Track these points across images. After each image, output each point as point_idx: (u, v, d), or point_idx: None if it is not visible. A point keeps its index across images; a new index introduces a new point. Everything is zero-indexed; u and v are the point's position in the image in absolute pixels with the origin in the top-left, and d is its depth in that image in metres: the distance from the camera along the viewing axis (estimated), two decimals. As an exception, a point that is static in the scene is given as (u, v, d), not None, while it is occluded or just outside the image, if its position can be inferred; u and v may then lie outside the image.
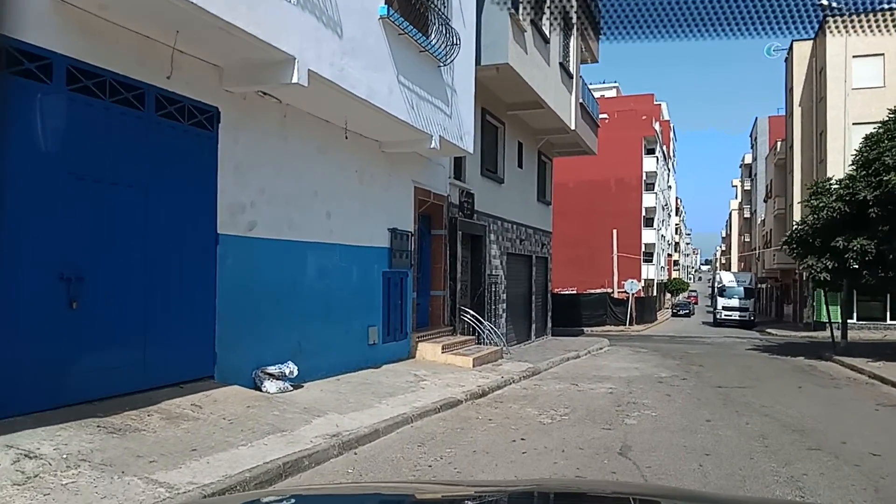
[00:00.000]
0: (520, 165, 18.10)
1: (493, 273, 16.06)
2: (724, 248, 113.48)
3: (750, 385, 11.52)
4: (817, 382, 12.35)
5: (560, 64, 17.03)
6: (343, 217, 9.59)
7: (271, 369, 7.74)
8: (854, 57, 27.34)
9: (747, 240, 67.83)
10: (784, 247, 18.95)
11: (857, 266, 16.14)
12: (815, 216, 16.95)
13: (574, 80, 18.50)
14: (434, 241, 13.13)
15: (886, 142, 15.35)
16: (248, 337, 7.63)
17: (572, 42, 18.27)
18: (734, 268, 73.12)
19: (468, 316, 13.77)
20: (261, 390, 7.56)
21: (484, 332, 14.00)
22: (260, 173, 7.78)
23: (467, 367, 11.20)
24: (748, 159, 68.78)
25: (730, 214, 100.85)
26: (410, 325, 11.59)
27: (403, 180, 11.41)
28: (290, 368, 7.87)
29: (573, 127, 18.49)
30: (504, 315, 16.91)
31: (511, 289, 17.56)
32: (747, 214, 68.42)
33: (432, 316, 13.09)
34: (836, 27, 4.15)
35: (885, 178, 14.74)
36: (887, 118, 16.11)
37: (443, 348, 11.50)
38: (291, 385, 7.92)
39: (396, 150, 10.62)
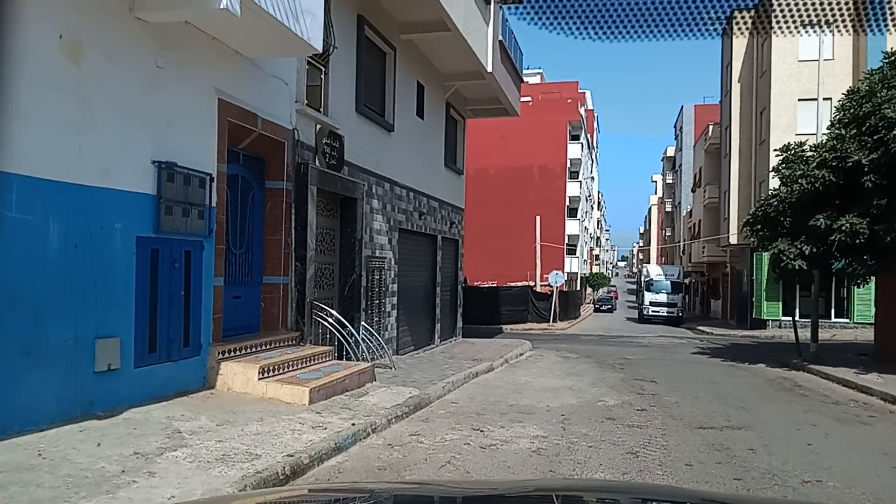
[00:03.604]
0: (420, 115, 13.64)
1: (378, 254, 11.54)
2: (641, 244, 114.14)
3: (743, 423, 7.56)
4: (826, 412, 8.59)
5: (473, -25, 12.69)
6: (19, 120, 4.77)
7: None
8: (802, 25, 24.59)
9: (669, 234, 66.61)
10: (744, 229, 15.47)
11: (837, 251, 12.79)
12: (788, 189, 13.46)
13: (492, 8, 14.21)
14: (269, 197, 8.44)
15: (885, 92, 11.93)
16: None
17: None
18: (653, 263, 72.04)
19: (329, 317, 9.17)
20: None
21: (352, 340, 9.45)
22: None
23: (300, 403, 6.61)
24: (671, 152, 67.55)
25: (649, 210, 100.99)
26: (209, 334, 6.87)
27: (195, 84, 6.65)
28: None
29: (490, 68, 14.20)
30: (394, 313, 12.43)
31: (406, 277, 13.12)
32: (669, 208, 67.18)
33: (266, 316, 8.40)
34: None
35: (887, 136, 11.29)
36: (882, 63, 12.75)
37: (262, 372, 6.84)
38: None
39: (161, 15, 5.87)
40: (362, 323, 10.47)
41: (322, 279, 9.79)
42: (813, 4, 4.03)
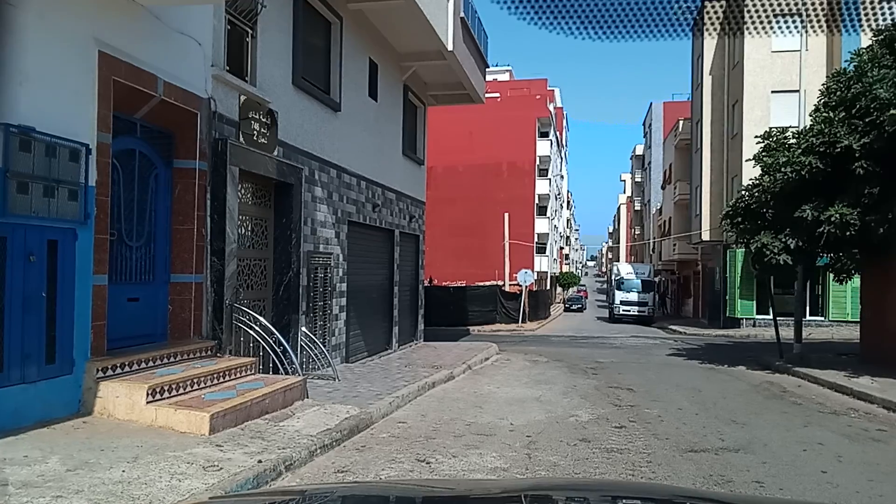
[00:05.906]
0: (373, 95, 12.31)
1: (322, 249, 10.19)
2: (610, 244, 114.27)
3: (739, 442, 6.43)
4: (829, 425, 7.53)
5: (430, -60, 11.41)
6: None
7: None
8: (774, 16, 23.91)
9: (638, 232, 66.33)
10: (723, 223, 14.51)
11: (825, 244, 11.88)
12: (771, 178, 12.50)
13: (453, -20, 12.96)
14: (178, 179, 7.03)
15: (876, 71, 11.02)
16: None
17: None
18: (623, 261, 71.75)
19: (255, 322, 7.78)
20: None
21: (281, 349, 8.07)
22: None
23: (197, 432, 5.24)
24: (640, 150, 67.32)
25: (618, 209, 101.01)
26: (86, 346, 5.46)
27: (65, 30, 5.25)
28: None
29: (451, 47, 12.96)
30: (343, 316, 11.09)
31: (358, 276, 11.78)
32: (638, 206, 66.94)
33: (175, 322, 6.99)
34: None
35: (881, 118, 10.36)
36: (873, 40, 11.84)
37: (152, 393, 5.46)
38: None
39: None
40: (301, 328, 9.12)
41: (250, 277, 8.41)
42: (787, 3, 3.83)
